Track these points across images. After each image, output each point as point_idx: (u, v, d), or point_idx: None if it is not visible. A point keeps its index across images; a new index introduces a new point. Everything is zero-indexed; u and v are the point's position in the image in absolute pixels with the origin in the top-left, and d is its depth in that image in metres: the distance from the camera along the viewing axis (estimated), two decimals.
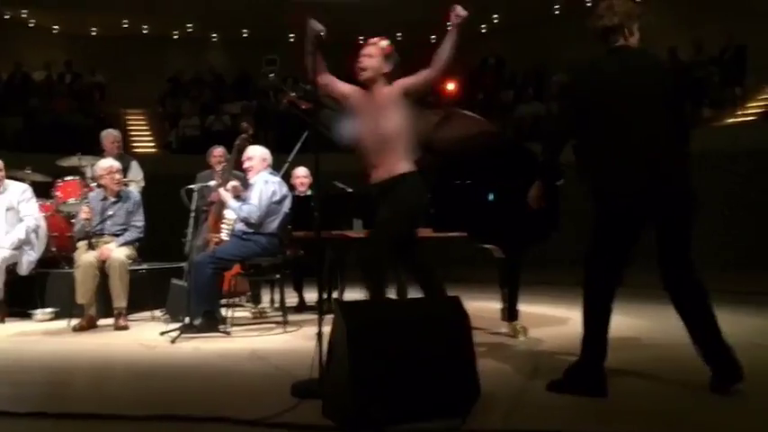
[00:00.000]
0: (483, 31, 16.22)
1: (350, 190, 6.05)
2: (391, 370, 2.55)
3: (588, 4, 14.47)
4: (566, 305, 6.28)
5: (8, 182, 5.94)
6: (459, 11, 3.67)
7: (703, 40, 11.19)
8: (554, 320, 5.44)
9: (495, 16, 15.57)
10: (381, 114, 3.79)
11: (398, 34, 15.44)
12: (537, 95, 13.72)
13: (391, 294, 6.04)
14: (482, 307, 5.49)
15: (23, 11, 15.18)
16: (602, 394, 2.96)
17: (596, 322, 3.07)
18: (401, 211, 3.78)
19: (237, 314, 5.55)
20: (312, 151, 3.57)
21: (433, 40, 15.88)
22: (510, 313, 4.63)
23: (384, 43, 3.95)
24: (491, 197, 4.55)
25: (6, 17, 15.27)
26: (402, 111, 3.83)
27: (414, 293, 6.09)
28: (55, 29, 16.06)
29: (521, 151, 4.91)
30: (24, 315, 5.78)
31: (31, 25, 15.64)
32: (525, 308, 4.80)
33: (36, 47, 15.44)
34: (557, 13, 14.99)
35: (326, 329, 2.86)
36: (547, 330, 4.85)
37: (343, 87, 3.98)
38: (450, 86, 14.02)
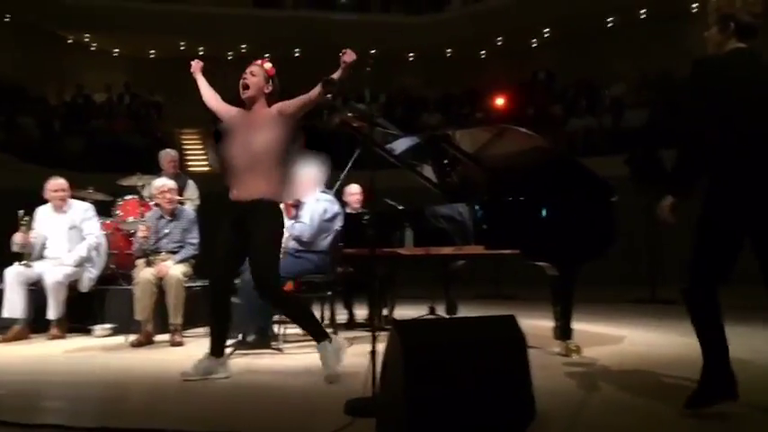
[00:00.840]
0: (534, 45, 16.13)
1: (401, 207, 6.06)
2: (446, 390, 2.52)
3: (642, 17, 14.28)
4: (618, 323, 6.16)
5: (72, 201, 6.14)
6: (349, 55, 3.78)
7: None
8: (608, 339, 5.32)
9: (546, 30, 15.48)
10: (254, 132, 3.91)
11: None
12: (589, 109, 13.54)
13: (440, 312, 6.03)
14: (534, 325, 5.41)
15: (86, 35, 15.79)
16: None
17: (708, 346, 2.93)
18: (273, 241, 3.95)
19: (289, 331, 5.59)
20: (365, 168, 3.61)
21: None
22: (563, 332, 4.55)
23: (268, 65, 4.11)
24: (544, 213, 4.49)
25: (69, 41, 15.90)
26: (276, 132, 3.93)
27: (465, 312, 6.06)
28: (115, 52, 16.63)
29: (574, 166, 4.85)
30: (85, 331, 5.95)
31: (92, 49, 16.23)
32: (578, 326, 4.71)
33: (97, 69, 16.00)
34: (610, 26, 14.81)
35: (378, 347, 2.86)
36: (600, 349, 4.75)
37: (225, 109, 4.19)
38: (500, 101, 13.96)
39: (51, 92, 15.11)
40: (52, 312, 5.71)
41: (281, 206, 5.34)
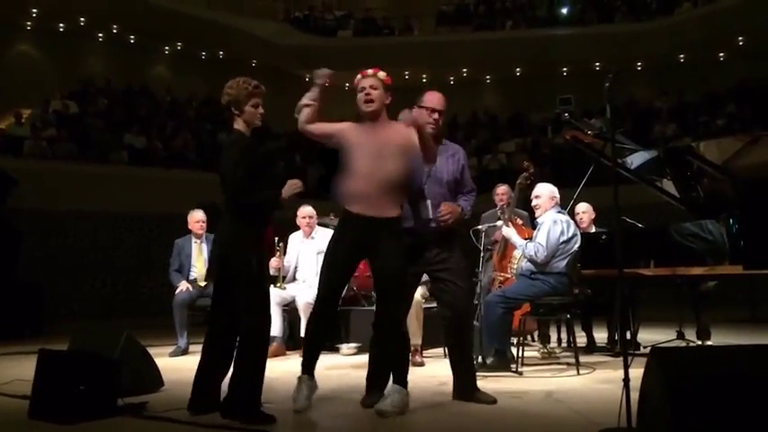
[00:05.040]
0: None
1: (640, 225, 5.76)
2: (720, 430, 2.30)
3: None
4: None
5: (318, 227, 6.65)
6: (320, 77, 4.11)
7: None
8: None
9: None
10: (392, 147, 3.77)
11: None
12: None
13: (690, 337, 5.59)
14: None
15: None
16: None
17: None
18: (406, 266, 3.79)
19: (526, 354, 5.51)
20: (599, 185, 3.45)
21: None
22: None
23: (382, 74, 3.94)
24: None
25: (307, 79, 17.34)
26: (414, 151, 3.78)
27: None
28: (347, 86, 17.79)
29: None
30: (333, 349, 6.35)
31: (327, 85, 17.54)
32: None
33: (332, 104, 17.20)
34: None
35: (619, 372, 2.71)
36: None
37: (334, 126, 4.08)
38: None
39: (292, 127, 16.55)
40: (304, 331, 6.17)
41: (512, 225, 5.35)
